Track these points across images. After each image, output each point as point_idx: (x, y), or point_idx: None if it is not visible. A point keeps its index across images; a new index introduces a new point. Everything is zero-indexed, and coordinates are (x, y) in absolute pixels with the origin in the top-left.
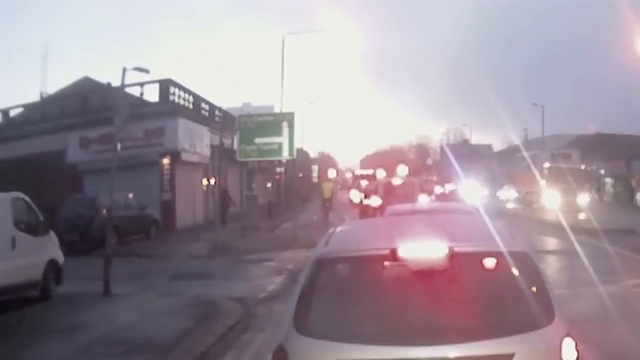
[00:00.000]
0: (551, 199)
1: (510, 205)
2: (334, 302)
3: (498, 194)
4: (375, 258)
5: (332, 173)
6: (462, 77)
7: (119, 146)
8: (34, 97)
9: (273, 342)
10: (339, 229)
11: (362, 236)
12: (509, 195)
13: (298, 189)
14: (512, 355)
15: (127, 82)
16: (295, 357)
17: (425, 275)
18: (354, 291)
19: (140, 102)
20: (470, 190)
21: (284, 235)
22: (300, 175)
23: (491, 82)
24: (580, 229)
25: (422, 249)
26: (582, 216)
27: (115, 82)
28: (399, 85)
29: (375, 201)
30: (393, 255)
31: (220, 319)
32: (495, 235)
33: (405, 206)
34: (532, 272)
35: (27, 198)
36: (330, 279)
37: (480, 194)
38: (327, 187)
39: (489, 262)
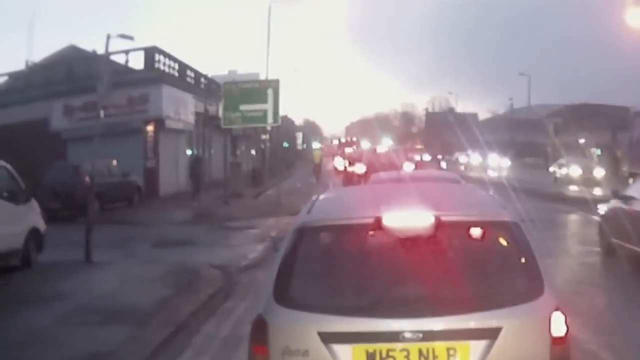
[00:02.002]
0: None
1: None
2: (316, 273)
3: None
4: (359, 227)
5: (316, 145)
6: (448, 46)
7: (102, 113)
8: (19, 66)
9: (255, 310)
10: (322, 196)
11: (346, 204)
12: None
13: (282, 156)
14: (499, 329)
15: (112, 49)
16: (275, 329)
17: (410, 245)
18: (336, 261)
19: (125, 69)
20: (487, 161)
21: (268, 202)
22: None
23: (477, 51)
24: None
25: (408, 217)
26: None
27: (101, 50)
28: (384, 53)
29: (359, 168)
30: (377, 224)
31: (201, 287)
32: (483, 204)
33: (390, 174)
34: (521, 243)
35: (8, 166)
36: (312, 249)
37: (499, 165)
38: (316, 155)
39: (476, 232)
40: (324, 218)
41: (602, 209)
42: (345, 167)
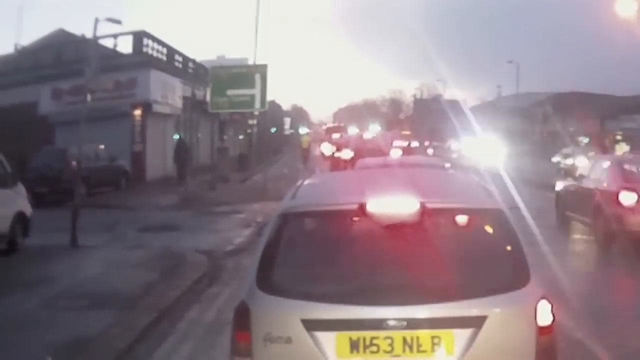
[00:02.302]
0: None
1: None
2: (299, 259)
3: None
4: (343, 213)
5: (303, 130)
6: (437, 33)
7: (89, 97)
8: (8, 50)
9: (239, 296)
10: (306, 182)
11: (330, 190)
12: None
13: (270, 141)
14: (484, 318)
15: (101, 34)
16: (258, 316)
17: (395, 232)
18: (320, 247)
19: (113, 53)
20: (480, 147)
21: (254, 187)
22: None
23: (466, 38)
24: None
25: (392, 204)
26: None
27: (90, 35)
28: (373, 39)
29: (346, 154)
30: (361, 210)
31: (186, 272)
32: (470, 192)
33: (376, 159)
34: (507, 231)
35: None
36: (296, 235)
37: (496, 152)
38: (305, 140)
39: (462, 219)
40: (308, 204)
41: (558, 185)
42: (333, 153)
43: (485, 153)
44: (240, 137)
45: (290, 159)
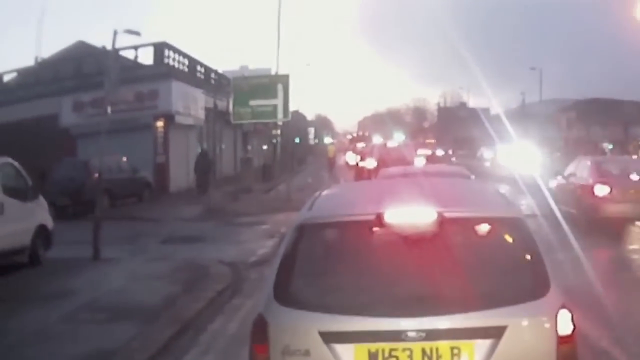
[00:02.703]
0: None
1: None
2: (317, 271)
3: None
4: (361, 223)
5: (328, 140)
6: (460, 40)
7: (109, 109)
8: (28, 62)
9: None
10: (324, 192)
11: (347, 200)
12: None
13: (294, 151)
14: (504, 328)
15: (122, 45)
16: (276, 328)
17: (413, 242)
18: (338, 259)
19: (134, 65)
20: (516, 155)
21: (278, 197)
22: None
23: (490, 45)
24: None
25: (410, 214)
26: None
27: (110, 47)
28: (396, 48)
29: (370, 163)
30: (379, 221)
31: (209, 284)
32: (488, 200)
33: (399, 169)
34: (526, 240)
35: (15, 163)
36: (313, 246)
37: (531, 160)
38: (330, 149)
39: (481, 229)
40: (325, 215)
41: (552, 183)
42: (357, 162)
43: (521, 161)
44: (264, 147)
45: (315, 169)
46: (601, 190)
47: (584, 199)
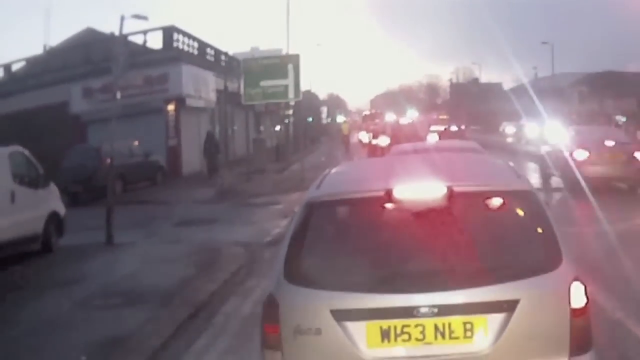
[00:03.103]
0: None
1: None
2: (326, 249)
3: None
4: (370, 200)
5: (340, 118)
6: (471, 15)
7: (118, 94)
8: (37, 51)
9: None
10: (333, 170)
11: (356, 177)
12: None
13: (307, 130)
14: (517, 301)
15: (130, 30)
16: (287, 308)
17: (424, 217)
18: (347, 236)
19: (143, 50)
20: (542, 131)
21: (292, 177)
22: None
23: (501, 20)
24: None
25: (420, 189)
26: None
27: (118, 32)
28: (407, 24)
29: (383, 141)
30: (388, 197)
31: (223, 265)
32: (498, 174)
33: (411, 145)
34: (538, 213)
35: (25, 151)
36: (323, 224)
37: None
38: (344, 127)
39: (491, 202)
40: (334, 192)
41: (542, 150)
42: (370, 140)
43: (548, 137)
44: (277, 127)
45: (328, 148)
46: (581, 155)
47: (567, 163)
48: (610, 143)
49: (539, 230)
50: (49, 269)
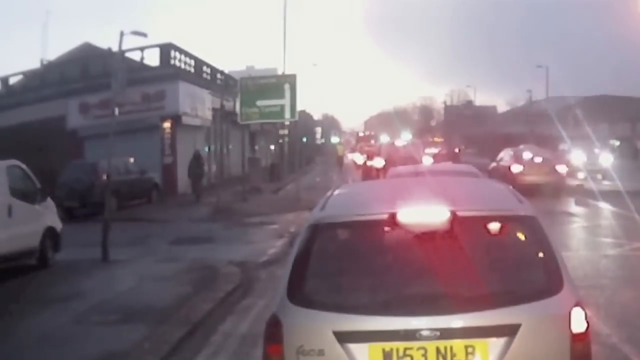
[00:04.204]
0: None
1: None
2: (330, 270)
3: None
4: (374, 223)
5: (335, 139)
6: (467, 39)
7: (116, 111)
8: (34, 65)
9: (271, 309)
10: (336, 192)
11: (360, 200)
12: None
13: (301, 150)
14: (518, 326)
15: (128, 47)
16: (290, 328)
17: (426, 241)
18: (351, 258)
19: (141, 66)
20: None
21: (287, 197)
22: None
23: (495, 43)
24: None
25: (423, 213)
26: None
27: (116, 48)
28: (402, 46)
29: (378, 162)
30: (392, 220)
31: (219, 284)
32: (501, 199)
33: (408, 167)
34: (540, 238)
35: (23, 165)
36: (326, 246)
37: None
38: (339, 148)
39: (494, 227)
40: (338, 214)
41: (490, 166)
42: (364, 162)
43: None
44: (272, 147)
45: (323, 168)
46: (516, 168)
47: (506, 175)
48: (538, 159)
49: (541, 255)
50: (45, 284)
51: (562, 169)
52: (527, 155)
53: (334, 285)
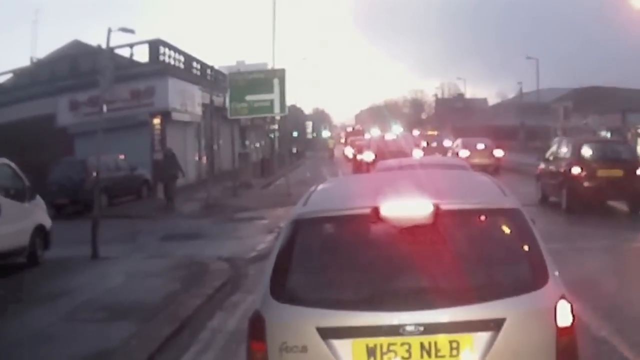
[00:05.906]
0: None
1: None
2: (313, 266)
3: None
4: (356, 217)
5: (326, 133)
6: (456, 31)
7: (105, 108)
8: (24, 63)
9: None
10: (320, 187)
11: (343, 194)
12: None
13: (292, 145)
14: (503, 320)
15: (117, 44)
16: (273, 325)
17: (410, 235)
18: (334, 253)
19: (130, 63)
20: None
21: (277, 192)
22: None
23: (485, 35)
24: None
25: (406, 206)
26: None
27: (105, 45)
28: (393, 40)
29: (368, 156)
30: (375, 214)
31: (208, 280)
32: (485, 191)
33: (396, 161)
34: (524, 231)
35: (12, 164)
36: (309, 241)
37: None
38: (330, 142)
39: (478, 220)
40: (320, 209)
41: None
42: (354, 155)
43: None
44: (262, 142)
45: (314, 163)
46: (464, 153)
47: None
48: (481, 146)
49: (526, 248)
50: (35, 282)
51: (498, 153)
52: (472, 142)
53: (316, 281)
